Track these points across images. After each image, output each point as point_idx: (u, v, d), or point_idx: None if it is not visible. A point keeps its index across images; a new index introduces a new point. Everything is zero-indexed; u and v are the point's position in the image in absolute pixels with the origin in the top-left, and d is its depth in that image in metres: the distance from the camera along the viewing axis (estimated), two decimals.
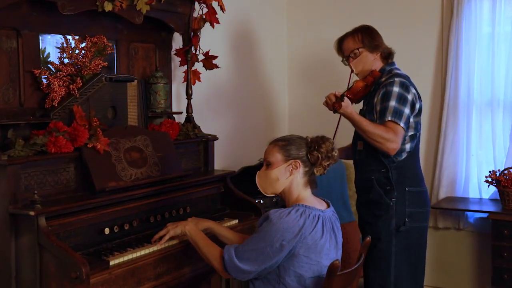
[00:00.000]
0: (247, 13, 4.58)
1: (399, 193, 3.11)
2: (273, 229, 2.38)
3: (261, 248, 2.39)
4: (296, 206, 2.47)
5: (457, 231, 4.46)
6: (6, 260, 2.47)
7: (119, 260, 2.54)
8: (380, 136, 2.99)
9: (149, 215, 2.95)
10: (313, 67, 4.96)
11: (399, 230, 3.10)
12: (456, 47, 4.30)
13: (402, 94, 3.05)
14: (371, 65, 3.23)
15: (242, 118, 4.60)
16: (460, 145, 4.36)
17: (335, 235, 2.52)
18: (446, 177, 4.39)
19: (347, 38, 3.29)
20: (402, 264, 3.14)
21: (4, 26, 2.69)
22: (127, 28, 3.26)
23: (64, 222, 2.54)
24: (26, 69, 2.79)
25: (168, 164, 3.12)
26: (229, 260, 2.43)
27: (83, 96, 2.90)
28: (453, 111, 4.35)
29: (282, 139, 2.60)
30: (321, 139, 2.54)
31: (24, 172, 2.53)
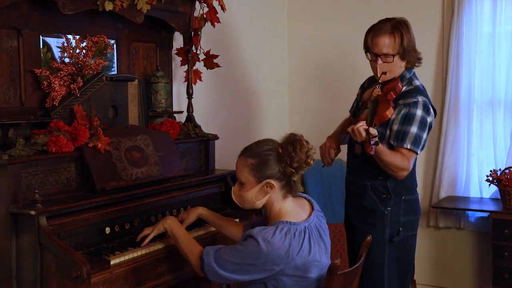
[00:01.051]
0: (248, 12, 4.58)
1: (395, 201, 3.00)
2: (257, 251, 2.29)
3: (243, 265, 2.33)
4: (280, 224, 2.36)
5: (458, 230, 4.46)
6: (7, 260, 2.47)
7: (120, 260, 2.54)
8: (396, 166, 2.88)
9: (150, 214, 2.95)
10: (313, 66, 4.96)
11: (393, 240, 2.99)
12: (457, 46, 4.30)
13: (423, 118, 2.91)
14: (396, 72, 3.01)
15: (243, 118, 4.61)
16: (460, 145, 4.36)
17: (323, 240, 2.46)
18: (447, 177, 4.39)
19: (385, 35, 2.96)
20: (393, 274, 3.05)
21: (5, 25, 2.70)
22: (128, 28, 3.27)
23: (65, 222, 2.54)
24: (27, 68, 2.80)
25: (169, 164, 3.12)
26: (207, 264, 2.37)
27: (83, 96, 2.91)
28: (453, 111, 4.35)
29: (253, 155, 2.43)
30: (292, 146, 2.38)
31: (25, 172, 2.54)
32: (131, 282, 2.56)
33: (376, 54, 3.00)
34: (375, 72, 3.04)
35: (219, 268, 2.35)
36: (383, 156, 2.85)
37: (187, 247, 2.54)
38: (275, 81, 5.01)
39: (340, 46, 3.23)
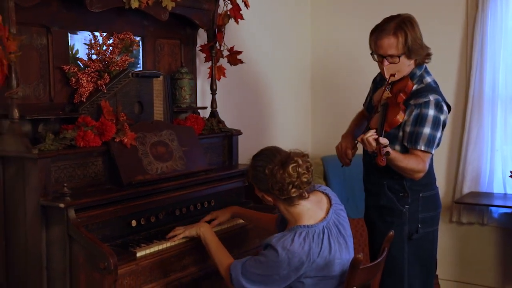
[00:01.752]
0: (271, 9, 4.59)
1: (412, 199, 2.95)
2: (279, 260, 2.29)
3: (268, 275, 2.33)
4: (298, 229, 2.36)
5: (481, 226, 4.44)
6: (38, 251, 2.51)
7: (146, 252, 2.57)
8: (412, 170, 2.83)
9: (175, 208, 2.97)
10: (336, 63, 4.95)
11: (412, 237, 2.96)
12: (481, 42, 4.26)
13: (436, 117, 2.84)
14: (404, 71, 2.92)
15: (266, 114, 4.62)
16: (484, 140, 4.33)
17: (343, 236, 2.44)
18: (470, 172, 4.36)
19: (389, 36, 2.86)
20: (415, 271, 3.01)
21: (35, 23, 2.74)
22: (153, 25, 3.29)
23: (92, 214, 2.57)
24: (56, 65, 2.84)
25: (193, 158, 3.14)
26: (235, 278, 2.39)
27: (110, 92, 2.93)
28: (477, 106, 4.32)
29: (251, 166, 2.48)
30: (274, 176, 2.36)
31: (54, 166, 2.57)
32: (156, 274, 2.59)
33: (382, 56, 2.92)
34: (383, 73, 2.97)
35: (247, 282, 2.36)
36: (397, 163, 2.80)
37: (218, 258, 2.55)
38: (298, 77, 5.01)
39: (363, 43, 3.20)
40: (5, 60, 2.46)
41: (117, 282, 2.38)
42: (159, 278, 2.60)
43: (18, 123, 2.56)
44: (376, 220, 3.08)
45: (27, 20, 2.68)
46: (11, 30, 2.46)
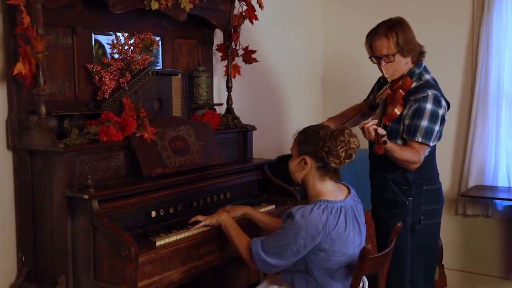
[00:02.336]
0: (284, 9, 4.59)
1: (416, 192, 2.99)
2: (297, 227, 2.33)
3: (286, 245, 2.35)
4: (318, 202, 2.41)
5: (486, 218, 4.42)
6: (64, 239, 2.53)
7: (165, 241, 2.58)
8: (407, 161, 2.88)
9: (192, 199, 2.98)
10: (347, 61, 4.94)
11: (414, 229, 2.99)
12: (487, 40, 4.24)
13: (434, 111, 2.88)
14: (402, 69, 3.01)
15: (279, 110, 4.63)
16: (489, 136, 4.31)
17: (358, 221, 2.48)
18: (476, 166, 4.35)
19: (381, 38, 2.98)
20: (416, 261, 3.03)
21: (61, 24, 2.76)
22: (172, 25, 3.30)
23: (115, 205, 2.58)
24: (80, 64, 2.86)
25: (210, 152, 3.15)
26: (256, 253, 2.42)
27: (131, 89, 2.95)
28: (483, 103, 4.30)
29: (303, 131, 2.54)
30: (330, 134, 2.41)
31: (78, 159, 2.59)
32: (175, 262, 2.60)
33: (378, 57, 3.02)
34: (383, 73, 3.06)
35: (267, 256, 2.39)
36: (393, 153, 2.86)
37: (238, 241, 2.58)
38: (309, 75, 5.02)
39: None
40: (33, 59, 2.49)
41: (138, 269, 2.39)
42: (177, 266, 2.61)
43: (45, 119, 2.57)
44: (382, 213, 3.11)
45: (54, 21, 2.70)
46: (39, 31, 2.48)
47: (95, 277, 2.49)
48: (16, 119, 2.67)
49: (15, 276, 2.76)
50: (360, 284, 2.42)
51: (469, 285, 4.55)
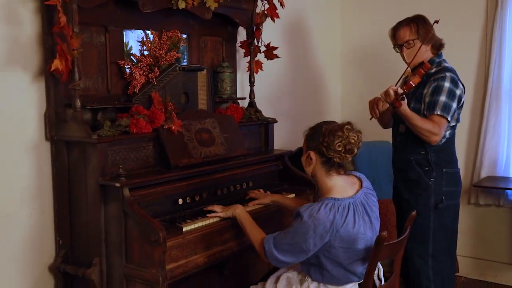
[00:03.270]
0: (304, 7, 4.59)
1: (437, 173, 3.08)
2: (306, 227, 2.29)
3: (296, 244, 2.32)
4: (326, 200, 2.34)
5: (497, 207, 4.41)
6: (97, 225, 2.57)
7: (191, 227, 2.61)
8: (428, 131, 2.97)
9: (217, 188, 3.00)
10: (364, 57, 4.94)
11: (437, 207, 3.07)
12: (500, 38, 4.21)
13: (452, 89, 3.01)
14: (422, 56, 3.11)
15: (299, 103, 4.63)
16: (502, 128, 4.29)
17: (369, 216, 2.41)
18: (488, 158, 4.33)
19: (403, 27, 3.15)
20: (439, 238, 3.10)
21: (94, 23, 2.79)
22: (198, 24, 3.31)
23: (144, 193, 2.61)
24: (112, 60, 2.88)
25: (233, 144, 3.16)
26: (269, 251, 2.39)
27: (160, 84, 2.97)
28: (495, 97, 4.28)
29: (311, 128, 2.49)
30: (330, 130, 2.37)
31: (111, 149, 2.62)
32: (200, 247, 2.62)
33: (401, 45, 3.17)
34: (405, 60, 3.18)
35: (279, 253, 2.37)
36: (414, 121, 2.97)
37: (253, 235, 2.57)
38: (328, 70, 5.00)
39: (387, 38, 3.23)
40: (69, 56, 2.52)
41: (165, 253, 2.42)
42: (202, 250, 2.64)
43: (80, 112, 2.61)
44: (405, 194, 3.18)
45: (88, 20, 2.72)
46: (74, 30, 2.51)
47: (126, 259, 2.52)
48: (53, 112, 2.70)
49: (54, 258, 2.81)
50: (376, 271, 2.41)
51: (480, 271, 4.53)
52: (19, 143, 2.66)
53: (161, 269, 2.41)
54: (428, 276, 3.12)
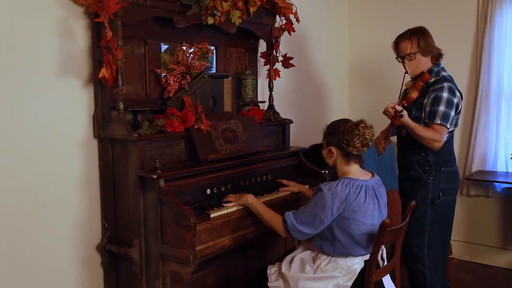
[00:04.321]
0: (316, 22, 4.57)
1: (436, 172, 3.02)
2: (325, 199, 2.35)
3: (315, 214, 2.36)
4: (343, 179, 2.41)
5: (486, 198, 4.38)
6: (137, 211, 2.60)
7: (218, 214, 2.62)
8: (429, 139, 2.92)
9: (240, 180, 3.00)
10: (370, 65, 4.91)
11: (434, 202, 3.03)
12: (489, 48, 4.17)
13: (450, 99, 2.93)
14: (423, 67, 3.06)
15: (311, 106, 4.61)
16: (490, 128, 4.25)
17: (378, 199, 2.45)
18: (478, 154, 4.30)
19: (405, 40, 3.06)
20: (435, 229, 3.07)
21: (136, 37, 2.81)
22: (224, 37, 3.31)
23: (177, 184, 2.62)
24: (150, 69, 2.89)
25: (254, 142, 3.16)
26: (290, 224, 2.42)
27: (191, 89, 2.98)
28: (485, 101, 4.23)
29: (329, 126, 2.53)
30: (348, 128, 2.42)
31: (149, 146, 2.63)
32: (225, 231, 2.63)
33: (403, 57, 3.08)
34: (406, 70, 3.10)
35: (299, 225, 2.40)
36: (417, 131, 2.92)
37: (269, 216, 2.58)
38: (337, 77, 4.98)
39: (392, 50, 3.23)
40: (114, 65, 2.54)
41: (196, 236, 2.44)
42: (228, 234, 2.65)
43: (122, 113, 2.63)
44: (408, 189, 3.14)
45: (130, 34, 2.74)
46: (119, 43, 2.53)
47: (162, 241, 2.54)
48: (100, 113, 2.72)
49: (100, 239, 2.84)
50: (379, 251, 2.42)
51: (471, 253, 4.50)
52: (72, 141, 2.68)
53: (192, 249, 2.42)
54: (423, 263, 3.09)
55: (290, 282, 2.50)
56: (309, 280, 2.44)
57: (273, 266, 2.66)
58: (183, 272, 2.48)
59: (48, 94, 2.57)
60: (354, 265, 2.43)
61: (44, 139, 2.57)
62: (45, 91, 2.56)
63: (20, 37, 2.45)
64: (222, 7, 2.96)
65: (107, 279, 2.87)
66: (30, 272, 2.57)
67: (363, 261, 2.46)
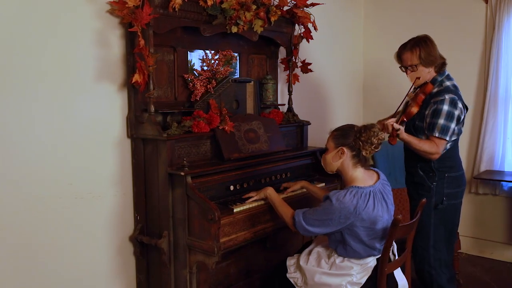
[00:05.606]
0: (333, 31, 4.56)
1: (439, 178, 2.90)
2: (333, 209, 2.29)
3: (323, 220, 2.32)
4: (350, 188, 2.33)
5: (494, 196, 4.32)
6: (166, 205, 2.62)
7: (240, 208, 2.62)
8: (425, 151, 2.82)
9: (261, 177, 3.01)
10: (383, 72, 4.87)
11: (437, 207, 2.92)
12: (497, 54, 4.10)
13: (450, 111, 2.78)
14: (425, 77, 2.92)
15: (328, 109, 4.59)
16: (498, 130, 4.19)
17: (386, 202, 2.39)
18: (486, 154, 4.23)
19: (407, 52, 2.92)
20: (439, 232, 2.97)
21: (165, 45, 2.83)
22: (247, 44, 3.32)
23: (203, 180, 2.64)
24: (179, 74, 2.91)
25: (275, 142, 3.16)
26: (298, 222, 2.39)
27: (216, 93, 2.99)
28: (493, 104, 4.17)
29: (338, 129, 2.46)
30: (364, 128, 2.37)
31: (177, 145, 2.65)
32: (247, 225, 2.64)
33: (405, 67, 2.96)
34: (409, 80, 2.99)
35: (307, 225, 2.36)
36: (412, 145, 2.83)
37: (282, 210, 2.58)
38: (353, 82, 4.95)
39: None
40: (146, 71, 2.56)
41: (220, 229, 2.44)
42: (249, 227, 2.66)
43: (153, 115, 2.65)
44: (412, 193, 3.06)
45: (160, 43, 2.77)
46: (150, 50, 2.55)
47: (189, 233, 2.56)
48: (133, 115, 2.74)
49: (132, 230, 2.87)
50: (391, 247, 2.39)
51: (479, 249, 4.44)
52: (107, 140, 2.71)
53: (216, 241, 2.43)
54: (429, 263, 3.01)
55: (307, 275, 2.48)
56: (325, 275, 2.42)
57: (292, 258, 2.65)
58: (208, 262, 2.49)
59: (87, 97, 2.61)
60: (368, 264, 2.40)
61: (83, 138, 2.62)
62: (85, 95, 2.60)
63: (65, 46, 2.50)
64: (245, 16, 2.96)
65: (138, 267, 2.89)
66: (70, 259, 2.62)
67: (375, 260, 2.43)
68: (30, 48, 2.37)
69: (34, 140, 2.41)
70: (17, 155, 2.36)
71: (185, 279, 2.62)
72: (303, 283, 2.50)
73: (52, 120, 2.48)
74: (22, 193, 2.39)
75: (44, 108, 2.44)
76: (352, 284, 2.37)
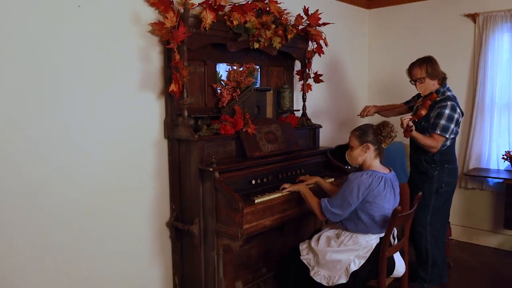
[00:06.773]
0: (341, 46, 4.47)
1: (440, 168, 3.04)
2: (352, 185, 2.35)
3: (345, 198, 2.36)
4: (367, 171, 2.39)
5: (481, 190, 4.17)
6: (197, 196, 2.60)
7: (261, 200, 2.60)
8: (427, 145, 2.96)
9: (279, 173, 2.96)
10: (386, 84, 4.76)
11: (438, 191, 3.05)
12: (484, 67, 3.96)
13: (450, 114, 2.94)
14: (431, 88, 3.05)
15: (337, 114, 4.51)
16: (484, 133, 4.05)
17: (394, 189, 2.44)
18: (474, 154, 4.11)
19: (416, 67, 3.07)
20: (436, 211, 3.10)
21: (197, 59, 2.80)
22: (267, 58, 3.29)
23: (229, 176, 2.62)
24: (209, 84, 2.89)
25: (291, 142, 3.13)
26: (325, 207, 2.43)
27: (240, 100, 2.97)
28: (480, 110, 4.04)
29: (358, 129, 2.49)
30: (382, 125, 2.41)
31: (206, 145, 2.64)
32: (267, 214, 2.62)
33: (415, 80, 3.09)
34: (418, 90, 3.13)
35: (332, 208, 2.40)
36: (418, 140, 2.95)
37: (312, 201, 2.58)
38: (359, 91, 4.85)
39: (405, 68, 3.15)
40: (180, 81, 2.55)
41: (243, 217, 2.43)
42: (269, 216, 2.63)
43: (187, 119, 2.64)
44: (418, 181, 3.16)
45: (193, 57, 2.74)
46: (184, 64, 2.54)
47: (216, 220, 2.54)
48: (170, 119, 2.72)
49: (169, 217, 2.85)
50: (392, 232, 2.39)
51: (467, 236, 4.31)
52: (148, 140, 2.70)
53: (240, 228, 2.42)
54: (426, 239, 3.13)
55: (319, 255, 2.47)
56: (335, 253, 2.42)
57: (304, 243, 2.63)
58: (233, 245, 2.48)
59: (132, 104, 2.60)
60: (371, 241, 2.41)
61: (129, 139, 2.61)
62: (130, 102, 2.59)
63: (115, 61, 2.50)
64: (266, 34, 2.94)
65: (174, 248, 2.87)
66: (118, 240, 2.62)
67: (378, 238, 2.43)
68: (89, 64, 2.40)
69: (92, 140, 2.44)
70: (79, 153, 2.39)
71: (213, 260, 2.60)
72: (316, 262, 2.49)
73: (106, 124, 2.49)
74: (83, 186, 2.42)
75: (99, 113, 2.46)
76: (359, 258, 2.39)
